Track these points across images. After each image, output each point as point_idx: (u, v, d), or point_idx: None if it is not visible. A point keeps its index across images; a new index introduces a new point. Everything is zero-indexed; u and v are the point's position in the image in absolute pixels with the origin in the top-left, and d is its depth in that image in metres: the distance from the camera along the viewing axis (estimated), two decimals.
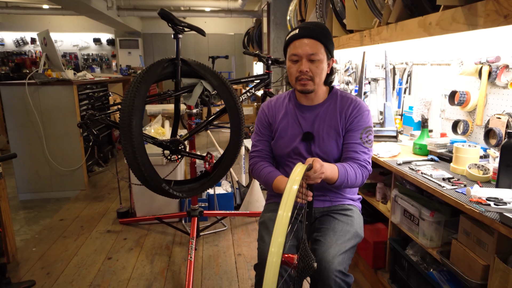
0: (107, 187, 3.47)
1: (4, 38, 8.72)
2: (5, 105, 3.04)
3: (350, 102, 1.31)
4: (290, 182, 0.90)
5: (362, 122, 1.29)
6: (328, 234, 1.22)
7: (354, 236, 1.23)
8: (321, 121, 1.31)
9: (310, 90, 1.27)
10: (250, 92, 2.49)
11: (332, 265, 1.10)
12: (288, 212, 0.83)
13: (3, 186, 2.06)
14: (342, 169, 1.20)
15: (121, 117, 1.51)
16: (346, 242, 1.19)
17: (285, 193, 0.87)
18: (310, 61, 1.23)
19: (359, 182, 1.26)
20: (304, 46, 1.22)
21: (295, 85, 1.29)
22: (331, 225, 1.26)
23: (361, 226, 1.32)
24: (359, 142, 1.28)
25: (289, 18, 3.94)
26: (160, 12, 1.72)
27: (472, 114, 1.73)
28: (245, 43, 7.06)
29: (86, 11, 5.90)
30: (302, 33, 1.23)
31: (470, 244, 1.18)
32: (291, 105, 1.37)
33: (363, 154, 1.28)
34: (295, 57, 1.24)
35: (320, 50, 1.23)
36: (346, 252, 1.16)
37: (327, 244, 1.17)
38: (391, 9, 1.79)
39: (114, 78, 4.70)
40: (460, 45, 1.78)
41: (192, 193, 1.94)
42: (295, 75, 1.26)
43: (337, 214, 1.31)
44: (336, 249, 1.14)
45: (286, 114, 1.36)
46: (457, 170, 1.40)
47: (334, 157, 1.31)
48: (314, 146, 1.31)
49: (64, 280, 1.96)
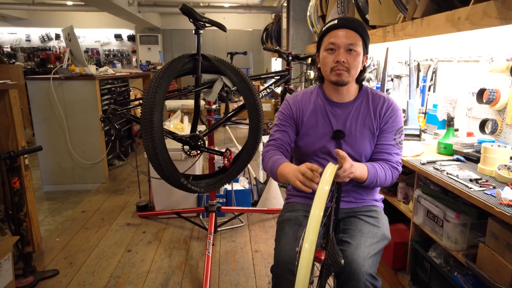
0: (127, 180, 3.54)
1: (31, 34, 9.00)
2: (31, 99, 3.14)
3: (383, 101, 1.27)
4: (322, 182, 0.94)
5: (396, 122, 1.26)
6: (356, 235, 1.18)
7: (382, 239, 1.20)
8: (353, 119, 1.26)
9: (345, 81, 1.21)
10: (269, 89, 2.47)
11: (363, 268, 1.08)
12: (321, 212, 0.89)
13: (29, 178, 2.12)
14: (372, 169, 1.18)
15: (142, 112, 1.53)
16: (374, 244, 1.16)
17: (317, 194, 0.92)
18: (347, 52, 1.18)
19: (388, 183, 1.24)
20: (343, 36, 1.18)
21: (329, 76, 1.22)
22: (357, 227, 1.23)
23: (388, 227, 1.28)
24: (393, 143, 1.25)
25: (309, 13, 3.89)
26: (182, 8, 1.72)
27: (501, 113, 1.66)
28: (264, 39, 7.03)
29: (108, 7, 6.01)
30: (341, 23, 1.19)
31: (498, 248, 1.13)
32: (320, 101, 1.30)
33: (396, 156, 1.26)
34: (332, 46, 1.19)
35: (359, 43, 1.19)
36: (375, 255, 1.13)
37: (356, 246, 1.14)
38: (417, 3, 1.74)
39: (135, 73, 4.77)
40: (490, 40, 1.71)
41: (210, 188, 1.94)
42: (331, 65, 1.20)
43: (363, 216, 1.27)
44: (365, 252, 1.12)
45: (314, 110, 1.30)
46: (485, 171, 1.35)
47: (366, 157, 1.28)
48: (345, 145, 1.26)
49: (86, 270, 2.01)
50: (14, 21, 8.73)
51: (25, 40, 8.98)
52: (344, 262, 1.08)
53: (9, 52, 8.81)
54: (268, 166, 1.25)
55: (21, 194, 1.89)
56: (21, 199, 1.89)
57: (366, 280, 1.07)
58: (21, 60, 8.77)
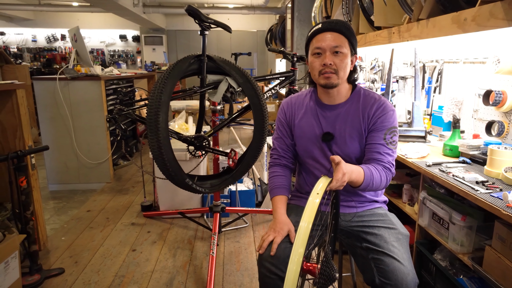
0: (132, 180, 3.56)
1: (37, 35, 9.08)
2: (37, 99, 3.17)
3: (373, 102, 1.26)
4: (312, 195, 0.97)
5: (386, 122, 1.23)
6: (381, 243, 1.15)
7: (405, 238, 1.19)
8: (342, 121, 1.26)
9: (334, 84, 1.22)
10: (274, 89, 2.48)
11: (409, 276, 1.06)
12: (309, 224, 0.91)
13: (36, 177, 2.14)
14: (368, 172, 1.15)
15: (148, 113, 1.54)
16: (404, 247, 1.15)
17: (307, 205, 0.95)
18: (334, 54, 1.20)
19: (383, 185, 1.21)
20: (328, 39, 1.19)
21: (318, 80, 1.24)
22: (377, 233, 1.19)
23: (400, 223, 1.26)
24: (383, 143, 1.22)
25: (313, 14, 3.88)
26: (187, 9, 1.73)
27: (508, 115, 1.65)
28: (268, 40, 7.03)
29: (113, 8, 6.05)
30: (325, 27, 1.21)
31: (505, 251, 1.12)
32: (312, 104, 1.33)
33: (387, 156, 1.22)
34: (318, 50, 1.21)
35: (344, 44, 1.20)
36: (410, 258, 1.12)
37: (391, 253, 1.11)
38: (422, 4, 1.73)
39: (139, 74, 4.80)
40: (496, 42, 1.70)
41: (214, 189, 1.95)
42: (319, 69, 1.22)
43: (374, 221, 1.25)
44: (405, 258, 1.10)
45: (305, 113, 1.33)
46: (491, 173, 1.34)
47: (356, 158, 1.27)
48: (336, 147, 1.26)
49: (91, 269, 2.02)
50: (20, 21, 8.81)
51: (31, 40, 9.06)
52: (387, 271, 1.07)
53: (15, 52, 8.89)
54: (270, 185, 1.35)
55: (28, 193, 1.91)
56: (27, 198, 1.90)
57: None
58: (27, 61, 8.85)
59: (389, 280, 1.06)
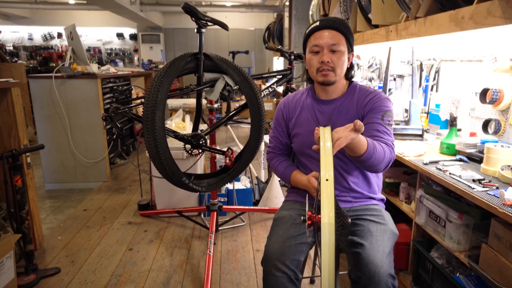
0: (129, 179, 3.55)
1: (33, 33, 9.02)
2: (33, 97, 3.15)
3: (367, 94, 1.27)
4: (322, 140, 0.92)
5: (382, 106, 1.23)
6: (365, 236, 1.15)
7: (392, 235, 1.18)
8: (338, 115, 1.28)
9: (331, 81, 1.24)
10: (271, 88, 2.47)
11: (382, 268, 1.05)
12: (331, 172, 0.85)
13: (31, 176, 2.13)
14: (371, 143, 1.09)
15: (144, 111, 1.53)
16: (386, 242, 1.13)
17: (322, 154, 0.89)
18: (331, 52, 1.21)
19: (386, 162, 1.15)
20: (326, 37, 1.21)
21: (316, 77, 1.26)
22: (364, 227, 1.20)
23: (393, 223, 1.26)
24: (381, 122, 1.20)
25: (311, 13, 3.88)
26: (184, 6, 1.72)
27: (505, 113, 1.65)
28: (266, 38, 7.02)
29: (110, 6, 6.02)
30: (323, 25, 1.22)
31: (502, 249, 1.12)
32: (309, 100, 1.35)
33: (387, 135, 1.20)
34: (316, 48, 1.22)
35: (342, 41, 1.22)
36: (389, 253, 1.11)
37: (369, 247, 1.10)
38: (420, 2, 1.73)
39: (136, 72, 4.78)
40: (493, 40, 1.70)
41: (211, 187, 1.94)
42: (316, 66, 1.24)
43: (366, 215, 1.25)
44: (380, 251, 1.09)
45: (303, 110, 1.35)
46: (488, 171, 1.34)
47: None
48: None
49: (88, 269, 2.01)
50: (16, 19, 8.75)
51: (27, 38, 9.00)
52: (361, 264, 1.06)
53: (11, 50, 8.83)
54: (279, 172, 1.40)
55: (23, 192, 1.89)
56: (23, 197, 1.89)
57: (387, 281, 1.04)
58: (23, 59, 8.80)
59: (362, 273, 1.05)
